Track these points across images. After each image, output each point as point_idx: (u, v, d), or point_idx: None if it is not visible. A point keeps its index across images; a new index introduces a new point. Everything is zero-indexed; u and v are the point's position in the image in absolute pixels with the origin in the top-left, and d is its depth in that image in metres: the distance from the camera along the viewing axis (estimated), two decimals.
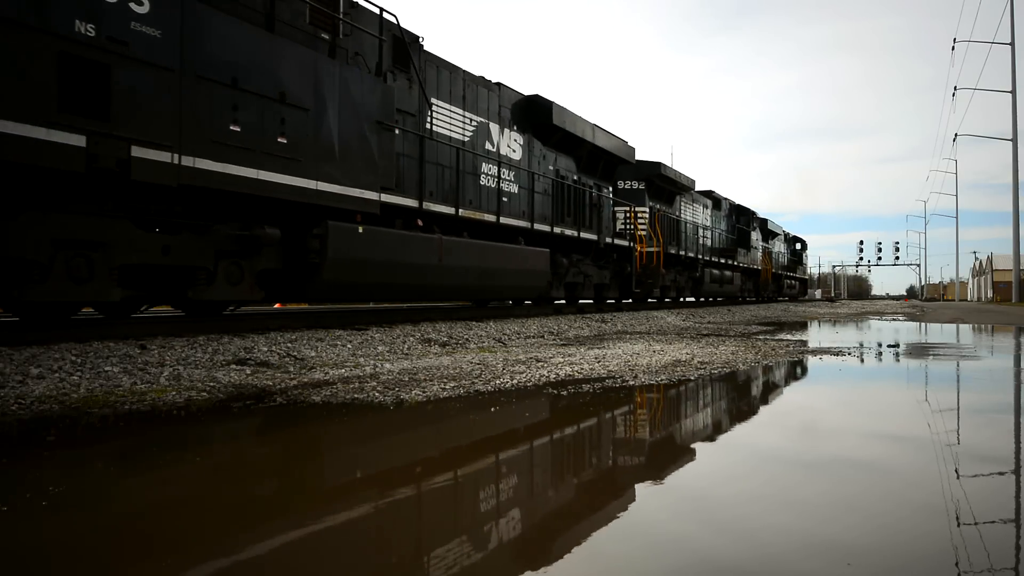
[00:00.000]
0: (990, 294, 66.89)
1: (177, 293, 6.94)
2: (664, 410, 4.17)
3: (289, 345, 6.30)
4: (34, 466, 2.66)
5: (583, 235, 14.71)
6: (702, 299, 27.30)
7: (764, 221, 35.68)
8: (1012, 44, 34.39)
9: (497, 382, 4.72)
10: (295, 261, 7.78)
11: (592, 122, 15.32)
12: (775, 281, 38.53)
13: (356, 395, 4.15)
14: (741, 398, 4.73)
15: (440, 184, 10.26)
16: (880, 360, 7.34)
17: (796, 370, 6.14)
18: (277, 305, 13.51)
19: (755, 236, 32.86)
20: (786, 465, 2.81)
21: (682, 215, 22.85)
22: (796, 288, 46.67)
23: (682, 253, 21.91)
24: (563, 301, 15.50)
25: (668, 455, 3.13)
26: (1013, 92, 34.25)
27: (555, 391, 4.50)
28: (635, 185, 19.30)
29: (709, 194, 27.39)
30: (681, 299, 23.56)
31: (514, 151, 12.39)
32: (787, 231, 44.08)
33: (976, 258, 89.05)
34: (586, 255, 15.40)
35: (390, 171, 8.68)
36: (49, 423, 3.34)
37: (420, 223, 9.67)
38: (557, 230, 13.58)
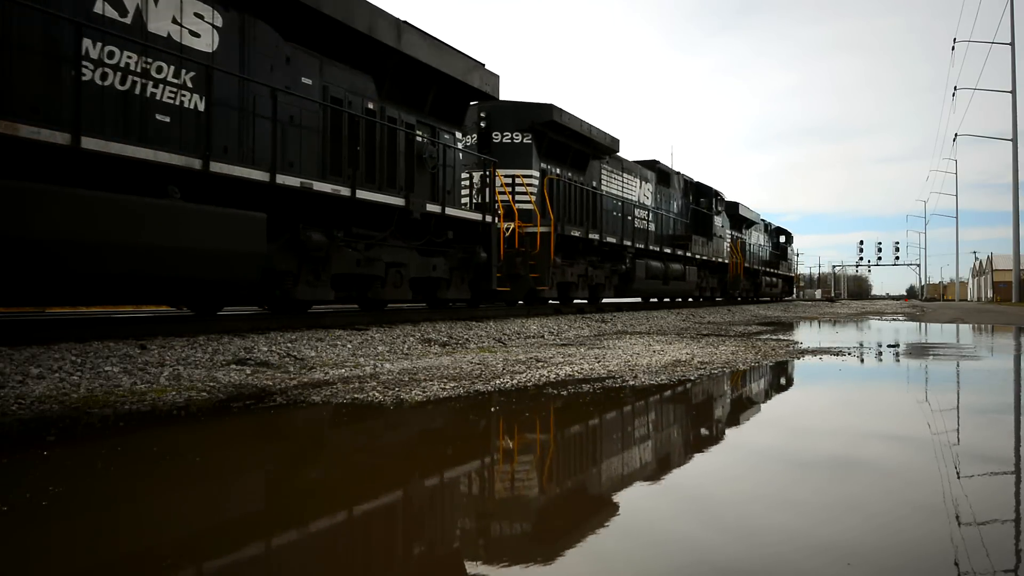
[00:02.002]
0: (990, 294, 66.89)
1: None
2: (664, 410, 4.17)
3: (289, 345, 6.30)
4: (34, 466, 2.66)
5: (364, 196, 8.56)
6: (636, 300, 20.62)
7: (734, 205, 28.64)
8: (1012, 44, 34.39)
9: (497, 382, 4.72)
10: None
11: (400, 18, 9.38)
12: (750, 278, 31.76)
13: (356, 395, 4.15)
14: (742, 398, 4.73)
15: None
16: (880, 360, 7.34)
17: (796, 370, 6.14)
18: None
19: (720, 222, 25.91)
20: (786, 465, 2.81)
21: (603, 187, 16.58)
22: (779, 287, 39.31)
23: (594, 237, 15.51)
24: (326, 307, 10.18)
25: (668, 455, 3.12)
26: (1013, 92, 34.25)
27: (555, 391, 4.50)
28: (517, 138, 13.45)
29: (651, 165, 20.48)
30: (602, 299, 17.25)
31: (197, 35, 6.73)
32: (768, 221, 37.35)
33: (976, 258, 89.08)
34: (388, 231, 9.25)
35: None
36: (49, 423, 3.34)
37: None
38: (290, 182, 7.45)
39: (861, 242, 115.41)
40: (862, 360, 7.06)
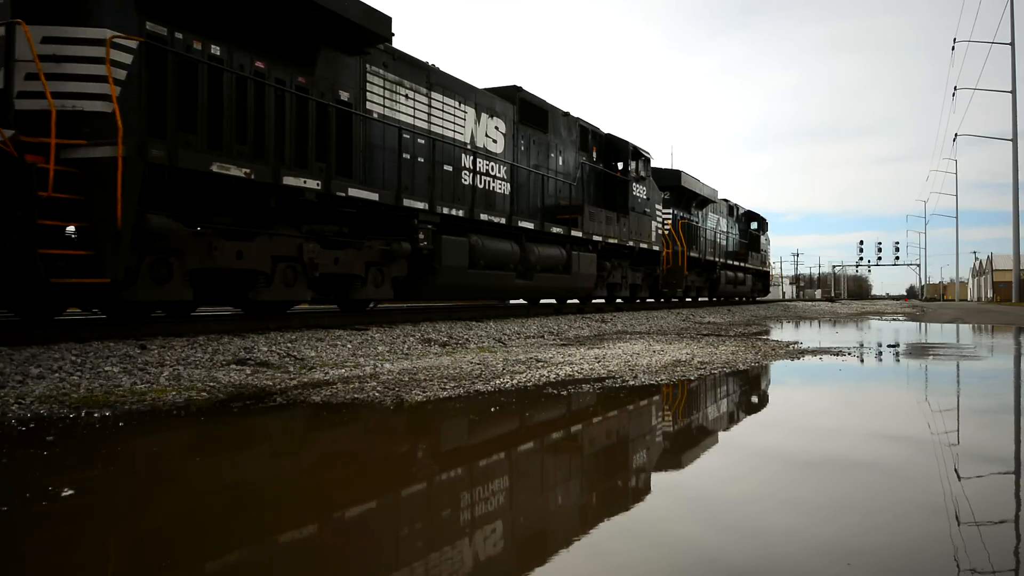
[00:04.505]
0: (990, 294, 66.91)
1: None
2: (664, 411, 4.17)
3: (289, 345, 6.30)
4: (34, 466, 2.66)
5: None
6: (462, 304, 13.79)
7: (674, 174, 21.39)
8: (1012, 44, 34.40)
9: (497, 382, 4.72)
10: None
11: None
12: (704, 271, 24.29)
13: (356, 395, 4.15)
14: (742, 398, 4.73)
15: None
16: (880, 360, 7.34)
17: (796, 370, 6.14)
18: None
19: (645, 193, 17.71)
20: (788, 465, 2.81)
21: (373, 105, 9.36)
22: (747, 283, 30.79)
23: (307, 185, 7.90)
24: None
25: (669, 456, 3.12)
26: (1013, 92, 34.26)
27: (555, 391, 4.50)
28: None
29: (509, 93, 12.72)
30: (373, 303, 10.33)
31: None
32: (735, 203, 29.80)
33: (976, 258, 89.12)
34: None
35: None
36: (49, 423, 3.34)
37: None
38: None
39: (861, 242, 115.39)
40: (862, 360, 7.06)
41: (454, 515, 2.24)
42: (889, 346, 9.15)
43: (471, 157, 11.35)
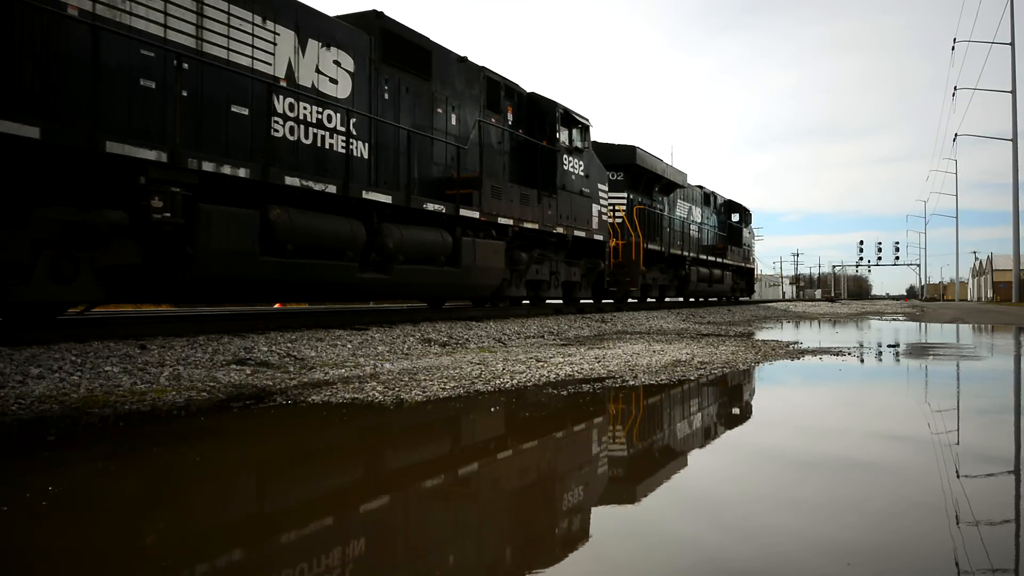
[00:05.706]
0: (990, 294, 66.92)
1: None
2: (665, 411, 4.17)
3: (289, 345, 6.30)
4: (34, 466, 2.66)
5: None
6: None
7: (628, 150, 17.83)
8: (1012, 44, 34.40)
9: (497, 382, 4.72)
10: None
11: None
12: (667, 267, 20.38)
13: (356, 395, 4.15)
14: (742, 398, 4.73)
15: None
16: (880, 360, 7.33)
17: (797, 370, 6.14)
18: (277, 305, 13.54)
19: (582, 169, 14.08)
20: (788, 465, 2.81)
21: (110, 8, 6.00)
22: (727, 282, 26.33)
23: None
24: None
25: (670, 456, 3.12)
26: (1013, 92, 34.25)
27: (555, 391, 4.49)
28: None
29: (366, 22, 9.24)
30: (81, 309, 6.99)
31: None
32: (712, 191, 25.77)
33: (976, 258, 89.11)
34: None
35: None
36: (49, 423, 3.34)
37: None
38: None
39: (861, 242, 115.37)
40: (862, 360, 7.06)
41: (469, 507, 2.24)
42: (889, 346, 9.15)
43: (287, 99, 7.87)
